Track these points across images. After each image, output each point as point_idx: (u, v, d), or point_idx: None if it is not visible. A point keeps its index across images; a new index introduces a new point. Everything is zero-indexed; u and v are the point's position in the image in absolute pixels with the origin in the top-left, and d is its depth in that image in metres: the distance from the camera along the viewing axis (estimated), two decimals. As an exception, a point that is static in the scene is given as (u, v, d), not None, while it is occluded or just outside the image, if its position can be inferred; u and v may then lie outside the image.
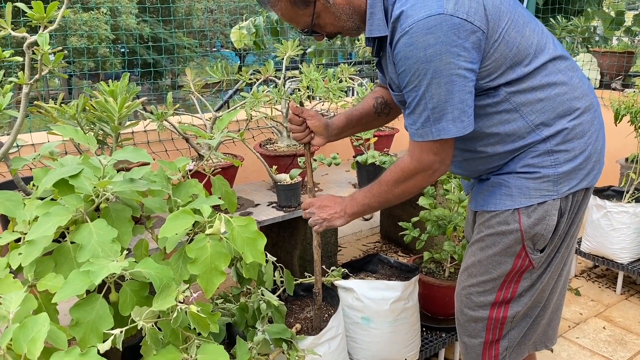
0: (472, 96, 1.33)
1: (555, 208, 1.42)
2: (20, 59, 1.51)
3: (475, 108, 1.37)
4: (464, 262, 1.60)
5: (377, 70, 1.67)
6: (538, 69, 1.38)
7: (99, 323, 1.23)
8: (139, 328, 1.26)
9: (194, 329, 1.32)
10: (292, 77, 2.76)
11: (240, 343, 1.52)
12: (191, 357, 1.31)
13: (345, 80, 2.76)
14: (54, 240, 1.34)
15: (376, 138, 2.68)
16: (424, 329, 2.30)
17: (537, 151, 1.41)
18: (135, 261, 1.32)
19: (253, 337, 1.62)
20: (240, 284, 1.78)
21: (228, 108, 2.89)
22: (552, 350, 2.52)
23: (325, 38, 1.52)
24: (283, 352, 1.67)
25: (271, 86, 2.60)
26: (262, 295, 1.76)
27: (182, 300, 1.27)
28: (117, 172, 1.47)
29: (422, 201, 2.26)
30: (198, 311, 1.26)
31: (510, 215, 1.44)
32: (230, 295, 1.94)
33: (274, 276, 1.88)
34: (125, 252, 1.30)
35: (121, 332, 1.20)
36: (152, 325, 1.28)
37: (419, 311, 2.17)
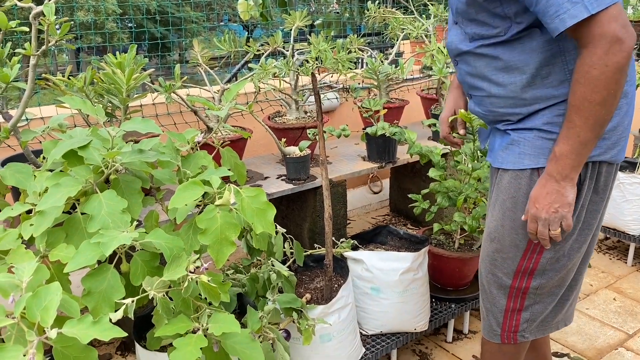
0: None
1: None
2: (26, 29, 1.50)
3: (527, 38, 1.30)
4: (486, 227, 1.58)
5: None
6: None
7: (110, 293, 1.25)
8: (150, 298, 1.27)
9: (205, 298, 1.33)
10: (300, 50, 2.73)
11: (251, 312, 1.53)
12: (202, 326, 1.32)
13: (355, 51, 2.72)
14: (64, 212, 1.36)
15: (386, 110, 2.65)
16: (433, 300, 2.31)
17: (562, 109, 1.34)
18: (145, 232, 1.32)
19: (264, 307, 1.64)
20: (250, 255, 1.79)
21: (236, 81, 2.87)
22: (561, 321, 2.53)
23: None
24: (293, 322, 1.68)
25: (279, 59, 2.57)
26: (272, 265, 1.77)
27: (192, 270, 1.28)
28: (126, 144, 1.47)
29: (432, 173, 2.24)
30: (209, 281, 1.27)
31: (529, 175, 1.39)
32: (241, 266, 1.95)
33: (284, 247, 1.89)
34: (135, 223, 1.31)
35: (133, 301, 1.21)
36: (164, 295, 1.29)
37: (429, 282, 2.18)
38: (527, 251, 1.47)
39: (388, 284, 2.01)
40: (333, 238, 2.04)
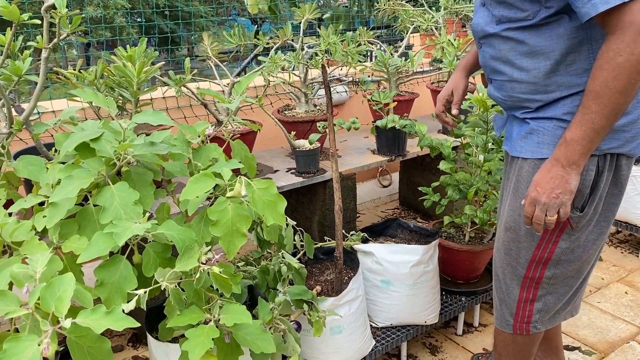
0: None
1: (593, 164, 1.35)
2: (38, 22, 1.50)
3: (555, 23, 1.28)
4: (501, 217, 1.57)
5: None
6: None
7: (123, 283, 1.26)
8: (162, 289, 1.27)
9: (217, 289, 1.33)
10: (309, 43, 2.72)
11: (262, 303, 1.53)
12: (214, 317, 1.33)
13: (364, 44, 2.71)
14: (76, 204, 1.36)
15: (395, 103, 2.64)
16: (443, 293, 2.31)
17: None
18: (157, 224, 1.33)
19: (274, 299, 1.64)
20: (260, 248, 1.79)
21: (245, 75, 2.87)
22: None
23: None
24: (304, 313, 1.69)
25: (289, 52, 2.57)
26: (283, 258, 1.77)
27: (204, 262, 1.28)
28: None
29: (442, 165, 2.24)
30: (220, 272, 1.27)
31: None
32: (251, 258, 1.96)
33: (294, 240, 1.89)
34: (147, 214, 1.31)
35: (145, 292, 1.22)
36: (176, 286, 1.30)
37: (439, 275, 2.17)
38: (542, 241, 1.47)
39: (398, 277, 2.01)
40: (343, 231, 2.04)
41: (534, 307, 1.56)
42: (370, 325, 2.05)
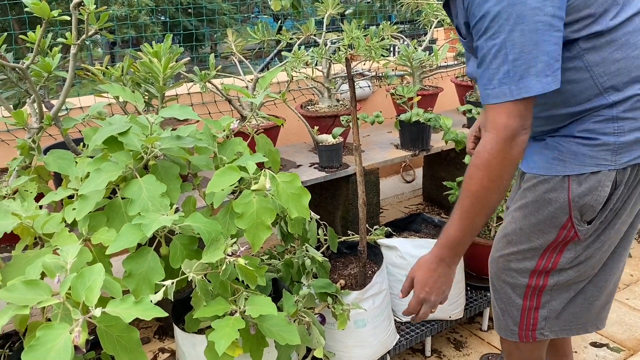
0: (559, 48, 1.17)
1: (610, 179, 1.31)
2: (68, 18, 1.53)
3: None
4: (502, 228, 1.52)
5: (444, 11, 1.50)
6: (623, 24, 1.23)
7: (151, 274, 1.28)
8: (189, 280, 1.29)
9: (242, 281, 1.35)
10: (332, 39, 2.72)
11: (286, 296, 1.54)
12: (240, 308, 1.34)
13: (388, 39, 2.69)
14: (105, 198, 1.39)
15: (419, 97, 2.63)
16: (468, 288, 2.29)
17: (600, 116, 1.29)
18: (184, 216, 1.35)
19: (299, 291, 1.65)
20: (284, 242, 1.81)
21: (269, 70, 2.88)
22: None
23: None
24: (328, 307, 1.69)
25: (310, 49, 2.57)
26: (307, 251, 1.78)
27: (230, 254, 1.30)
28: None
29: (468, 159, 2.22)
30: (246, 264, 1.29)
31: (559, 181, 1.35)
32: (275, 252, 1.97)
33: (318, 234, 1.90)
34: (174, 207, 1.33)
35: (172, 283, 1.24)
36: (202, 277, 1.31)
37: (464, 270, 2.16)
38: (546, 252, 1.43)
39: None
40: (367, 225, 2.03)
41: (539, 315, 1.51)
42: (395, 320, 2.04)
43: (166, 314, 1.11)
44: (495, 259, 1.54)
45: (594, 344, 2.25)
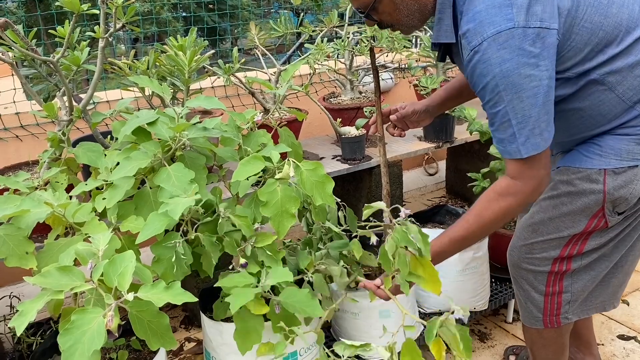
0: (552, 103, 1.26)
1: None
2: (96, 11, 1.56)
3: (567, 95, 1.31)
4: (529, 218, 1.53)
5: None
6: (632, 45, 1.27)
7: (179, 259, 1.30)
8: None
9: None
10: (355, 31, 2.72)
11: (302, 254, 1.58)
12: (262, 282, 1.38)
13: (410, 30, 2.68)
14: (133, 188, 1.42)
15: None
16: (493, 280, 2.28)
17: (636, 125, 1.33)
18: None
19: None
20: (310, 233, 1.82)
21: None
22: (628, 304, 2.44)
23: (376, 25, 1.45)
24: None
25: (333, 41, 2.57)
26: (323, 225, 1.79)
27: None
28: (190, 121, 1.52)
29: (492, 150, 2.20)
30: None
31: (595, 174, 1.36)
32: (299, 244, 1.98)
33: (338, 216, 1.90)
34: (196, 188, 1.35)
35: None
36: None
37: (489, 262, 2.15)
38: (570, 241, 1.44)
39: (447, 263, 1.96)
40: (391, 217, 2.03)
41: (562, 299, 1.52)
42: (419, 311, 2.04)
43: (196, 299, 1.13)
44: (518, 248, 1.55)
45: (622, 337, 2.22)
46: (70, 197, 1.46)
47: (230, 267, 1.46)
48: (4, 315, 2.15)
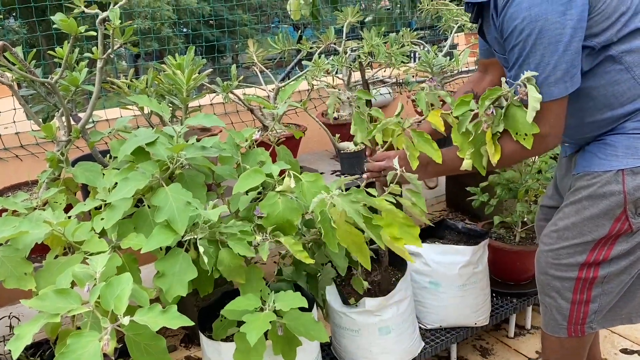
0: (579, 55, 1.27)
1: None
2: (94, 33, 1.57)
3: (583, 72, 1.31)
4: (552, 224, 1.53)
5: (479, 37, 1.61)
6: None
7: (183, 273, 1.30)
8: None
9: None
10: (352, 47, 2.73)
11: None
12: (269, 305, 1.38)
13: (408, 45, 2.70)
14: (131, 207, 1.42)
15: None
16: (494, 295, 2.26)
17: None
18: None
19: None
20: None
21: (289, 79, 2.90)
22: None
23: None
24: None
25: (331, 57, 2.59)
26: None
27: None
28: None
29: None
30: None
31: (613, 176, 1.36)
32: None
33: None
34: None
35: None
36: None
37: (489, 277, 2.14)
38: (597, 245, 1.43)
39: (447, 278, 1.99)
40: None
41: (590, 308, 1.51)
42: (419, 327, 2.03)
43: (192, 323, 1.12)
44: (544, 254, 1.55)
45: (624, 351, 2.21)
46: (69, 217, 1.46)
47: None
48: (3, 335, 2.14)
